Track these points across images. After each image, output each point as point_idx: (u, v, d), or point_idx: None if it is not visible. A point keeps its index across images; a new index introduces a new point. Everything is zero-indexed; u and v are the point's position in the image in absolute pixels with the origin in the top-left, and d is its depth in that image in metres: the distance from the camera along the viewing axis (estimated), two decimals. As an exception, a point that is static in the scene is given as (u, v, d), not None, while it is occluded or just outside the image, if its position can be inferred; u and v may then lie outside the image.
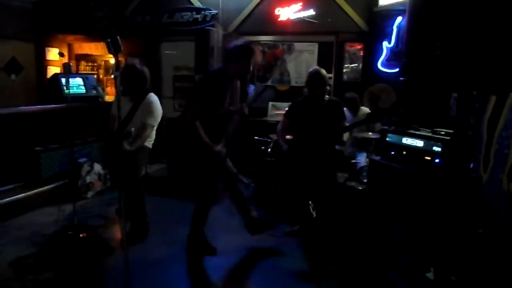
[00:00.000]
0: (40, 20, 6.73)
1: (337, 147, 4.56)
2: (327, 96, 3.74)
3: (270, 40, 6.57)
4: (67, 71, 3.65)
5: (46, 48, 7.26)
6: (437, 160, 2.84)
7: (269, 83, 6.64)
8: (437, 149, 2.85)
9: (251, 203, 4.73)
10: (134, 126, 3.47)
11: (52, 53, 7.31)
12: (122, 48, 2.39)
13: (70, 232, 3.45)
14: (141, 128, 3.47)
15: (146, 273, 3.07)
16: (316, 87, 3.63)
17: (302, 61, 6.38)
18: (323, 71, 3.68)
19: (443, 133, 2.90)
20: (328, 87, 3.74)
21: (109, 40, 2.34)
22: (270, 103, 6.47)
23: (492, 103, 3.13)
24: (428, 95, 3.68)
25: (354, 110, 4.70)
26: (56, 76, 5.41)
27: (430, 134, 2.98)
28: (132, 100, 3.55)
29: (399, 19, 5.30)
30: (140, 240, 3.55)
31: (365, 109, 4.74)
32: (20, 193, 4.31)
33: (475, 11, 2.27)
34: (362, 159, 4.14)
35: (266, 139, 5.03)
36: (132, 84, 3.49)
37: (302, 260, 3.45)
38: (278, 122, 5.88)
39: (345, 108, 4.68)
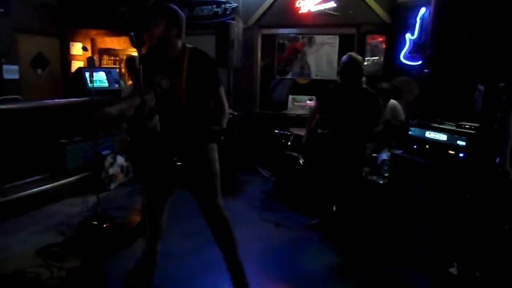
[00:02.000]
0: (64, 16, 6.90)
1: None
2: (365, 85, 3.50)
3: (291, 33, 6.53)
4: (91, 65, 3.71)
5: (70, 43, 7.41)
6: (461, 154, 2.78)
7: (289, 76, 6.62)
8: (461, 143, 2.79)
9: (271, 196, 4.78)
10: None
11: (76, 48, 7.46)
12: (145, 42, 2.42)
13: (94, 222, 3.56)
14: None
15: (168, 264, 3.12)
16: (348, 75, 3.44)
17: (323, 54, 6.32)
18: (358, 58, 3.46)
19: (468, 126, 2.83)
20: (363, 78, 3.46)
21: (132, 34, 2.37)
22: (291, 96, 6.45)
23: (520, 96, 3.04)
24: (452, 87, 3.59)
25: (385, 101, 4.57)
26: (80, 70, 5.53)
27: (454, 128, 2.92)
28: None
29: (422, 10, 5.18)
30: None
31: (393, 102, 4.64)
32: (47, 184, 4.45)
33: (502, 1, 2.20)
34: (383, 153, 4.09)
35: (286, 132, 5.03)
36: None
37: (322, 254, 3.45)
38: (298, 115, 5.90)
39: None
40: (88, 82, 5.12)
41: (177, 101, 2.42)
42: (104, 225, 3.55)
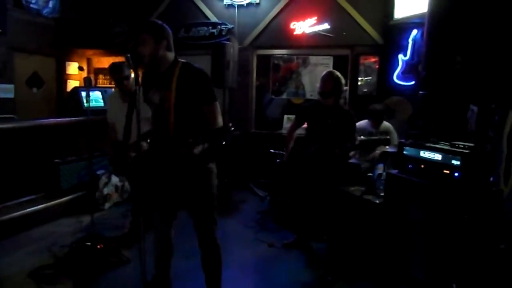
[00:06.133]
0: (61, 36, 6.97)
1: (353, 160, 4.53)
2: (345, 106, 3.66)
3: (285, 54, 6.63)
4: (88, 85, 3.72)
5: (67, 62, 7.45)
6: (456, 174, 2.80)
7: (284, 96, 6.68)
8: (456, 162, 2.81)
9: (266, 216, 4.76)
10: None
11: (72, 67, 7.49)
12: (143, 62, 2.44)
13: (87, 243, 3.50)
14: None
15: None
16: (323, 89, 3.51)
17: (317, 75, 6.38)
18: (336, 73, 3.52)
19: (462, 146, 2.86)
20: (340, 91, 3.52)
21: (129, 55, 2.38)
22: (286, 116, 6.49)
23: (511, 116, 3.08)
24: (446, 108, 3.65)
25: (377, 123, 4.61)
26: (76, 89, 5.55)
27: (448, 148, 2.94)
28: (126, 101, 3.71)
29: (414, 32, 5.28)
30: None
31: (387, 125, 4.65)
32: (40, 204, 4.40)
33: (495, 25, 2.26)
34: (378, 170, 4.10)
35: (281, 152, 5.03)
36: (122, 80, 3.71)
37: (302, 271, 3.48)
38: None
39: (366, 120, 4.63)
40: (84, 101, 5.13)
41: (166, 116, 2.39)
42: (98, 246, 3.48)
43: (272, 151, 5.13)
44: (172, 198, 2.57)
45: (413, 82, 5.30)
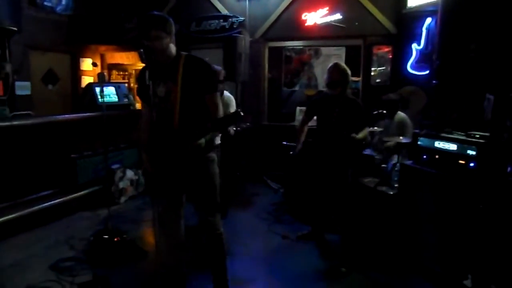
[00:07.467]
0: (75, 32, 7.06)
1: (367, 152, 4.51)
2: (351, 96, 3.55)
3: (297, 45, 6.59)
4: (102, 80, 3.77)
5: (80, 59, 7.54)
6: (472, 164, 2.76)
7: (296, 88, 6.65)
8: (471, 152, 2.78)
9: (280, 208, 4.78)
10: None
11: (86, 63, 7.59)
12: (154, 58, 2.46)
13: (105, 236, 3.57)
14: None
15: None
16: (331, 79, 3.42)
17: (330, 66, 6.35)
18: (341, 65, 3.44)
19: (478, 136, 2.82)
20: (346, 82, 3.41)
21: (142, 50, 2.41)
22: (298, 108, 6.46)
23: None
24: (460, 97, 3.58)
25: (391, 114, 4.53)
26: (90, 85, 5.61)
27: (464, 137, 2.91)
28: None
29: (428, 20, 5.19)
30: None
31: (401, 115, 4.56)
32: (58, 198, 4.48)
33: (510, 11, 2.21)
34: (393, 161, 4.08)
35: (293, 144, 5.03)
36: None
37: (315, 263, 3.50)
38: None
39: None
40: (99, 97, 5.19)
41: (172, 108, 2.42)
42: (115, 239, 3.56)
43: (285, 143, 5.12)
44: (175, 186, 2.61)
45: (427, 72, 5.22)
